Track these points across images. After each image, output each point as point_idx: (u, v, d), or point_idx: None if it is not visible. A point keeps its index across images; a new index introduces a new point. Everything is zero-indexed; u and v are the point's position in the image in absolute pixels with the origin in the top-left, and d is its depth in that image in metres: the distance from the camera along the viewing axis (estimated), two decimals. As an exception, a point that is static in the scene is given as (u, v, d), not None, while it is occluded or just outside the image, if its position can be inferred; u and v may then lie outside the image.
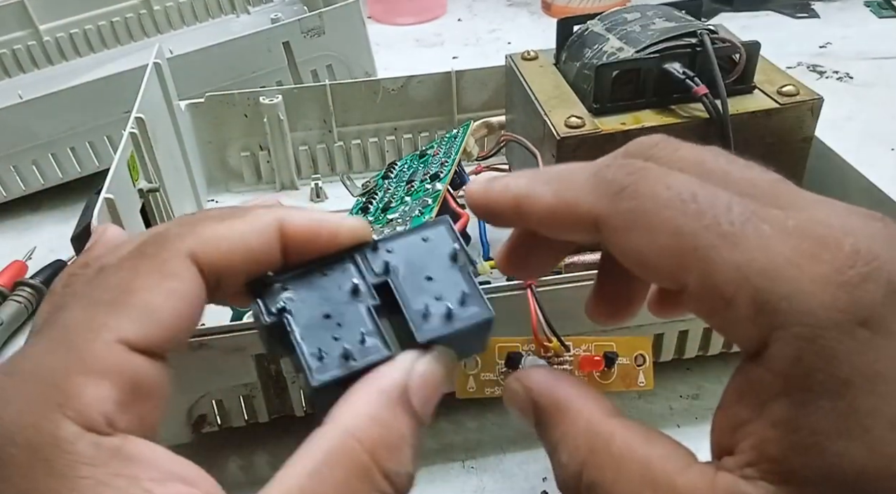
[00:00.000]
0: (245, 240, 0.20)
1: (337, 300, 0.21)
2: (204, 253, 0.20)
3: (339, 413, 0.19)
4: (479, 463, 0.41)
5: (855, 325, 0.16)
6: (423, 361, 0.20)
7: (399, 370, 0.20)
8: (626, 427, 0.19)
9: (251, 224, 0.21)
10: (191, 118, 0.61)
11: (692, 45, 0.42)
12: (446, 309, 0.21)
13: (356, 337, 0.20)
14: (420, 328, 0.21)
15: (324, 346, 0.20)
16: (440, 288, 0.22)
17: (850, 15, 0.91)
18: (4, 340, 0.51)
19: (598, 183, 0.20)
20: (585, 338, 0.38)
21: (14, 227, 0.63)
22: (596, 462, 0.19)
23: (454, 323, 0.21)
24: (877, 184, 0.44)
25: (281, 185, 0.63)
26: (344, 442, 0.18)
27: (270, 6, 0.85)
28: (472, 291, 0.22)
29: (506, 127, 0.54)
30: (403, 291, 0.21)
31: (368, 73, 0.72)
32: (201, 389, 0.38)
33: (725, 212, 0.17)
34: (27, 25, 0.75)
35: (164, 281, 0.19)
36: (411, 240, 0.22)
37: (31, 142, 0.61)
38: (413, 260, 0.22)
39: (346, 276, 0.21)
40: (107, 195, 0.39)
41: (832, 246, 0.17)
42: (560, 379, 0.21)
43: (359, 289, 0.21)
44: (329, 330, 0.21)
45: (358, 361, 0.20)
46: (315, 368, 0.20)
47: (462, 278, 0.22)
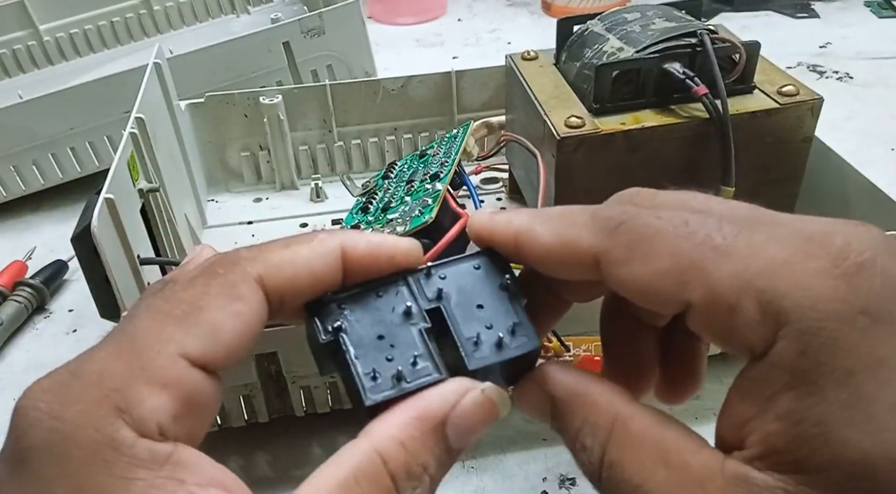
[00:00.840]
0: (310, 265, 0.21)
1: (390, 322, 0.22)
2: (270, 277, 0.21)
3: (374, 430, 0.20)
4: (479, 463, 0.41)
5: (856, 314, 0.16)
6: (471, 396, 0.21)
7: (440, 399, 0.21)
8: (644, 410, 0.20)
9: (315, 249, 0.21)
10: (191, 118, 0.61)
11: (692, 45, 0.42)
12: (497, 338, 0.22)
13: (408, 359, 0.21)
14: (471, 356, 0.22)
15: (377, 367, 0.21)
16: (491, 316, 0.22)
17: (850, 15, 0.91)
18: (4, 340, 0.51)
19: (597, 221, 0.21)
20: (585, 338, 0.38)
21: (14, 227, 0.63)
22: (617, 442, 0.20)
23: (504, 352, 0.22)
24: (877, 184, 0.44)
25: (281, 185, 0.63)
26: (372, 460, 0.19)
27: (270, 6, 0.85)
28: (522, 321, 0.22)
29: (506, 127, 0.54)
30: (455, 318, 0.22)
31: (368, 73, 0.72)
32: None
33: (717, 230, 0.19)
34: (27, 25, 0.75)
35: (232, 303, 0.20)
36: (464, 267, 0.23)
37: (31, 142, 0.61)
38: (465, 288, 0.23)
39: (400, 299, 0.22)
40: (107, 195, 0.39)
41: (823, 242, 0.17)
42: (573, 371, 0.22)
43: (412, 312, 0.22)
44: (382, 351, 0.21)
45: (410, 383, 0.21)
46: (369, 388, 0.21)
47: (512, 308, 0.23)
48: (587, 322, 0.38)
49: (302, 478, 0.19)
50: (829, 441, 0.16)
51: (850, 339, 0.16)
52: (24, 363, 0.50)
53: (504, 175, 0.59)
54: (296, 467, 0.41)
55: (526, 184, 0.51)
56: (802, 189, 0.46)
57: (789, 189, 0.46)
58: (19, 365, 0.50)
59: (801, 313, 0.17)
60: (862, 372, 0.16)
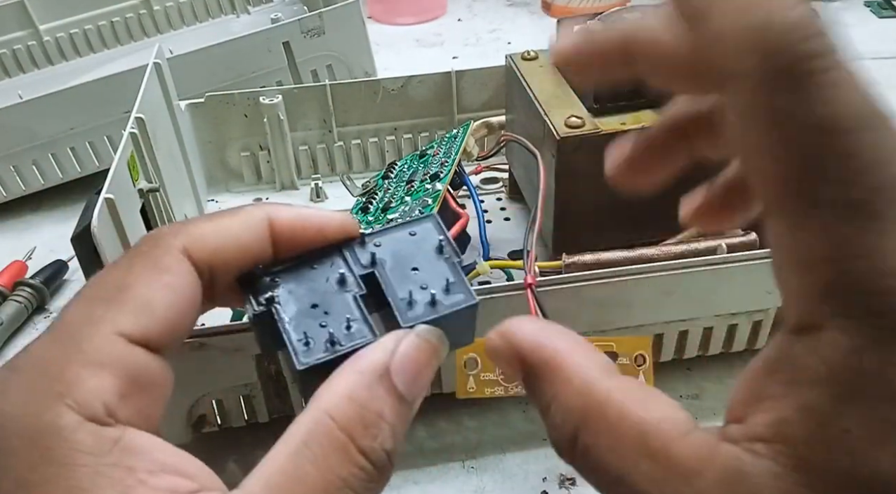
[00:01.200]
0: (235, 235, 0.21)
1: (324, 290, 0.22)
2: (196, 248, 0.20)
3: (319, 395, 0.20)
4: (479, 463, 0.41)
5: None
6: (406, 340, 0.20)
7: (380, 350, 0.20)
8: (623, 388, 0.18)
9: (241, 220, 0.21)
10: (191, 118, 0.61)
11: (692, 45, 0.42)
12: (431, 297, 0.22)
13: (342, 323, 0.21)
14: (404, 314, 0.22)
15: (310, 333, 0.21)
16: (426, 278, 0.22)
17: (850, 15, 0.91)
18: (4, 340, 0.51)
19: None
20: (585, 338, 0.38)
21: (14, 227, 0.63)
22: (591, 427, 0.18)
23: (438, 308, 0.22)
24: (877, 184, 0.44)
25: (281, 185, 0.63)
26: (320, 421, 0.19)
27: (270, 6, 0.85)
28: (458, 280, 0.22)
29: (506, 127, 0.54)
30: (389, 281, 0.22)
31: (368, 73, 0.72)
32: (201, 389, 0.39)
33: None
34: (27, 25, 0.75)
35: (159, 276, 0.20)
36: (398, 235, 0.23)
37: (31, 142, 0.61)
38: (400, 253, 0.23)
39: (334, 268, 0.22)
40: (107, 195, 0.39)
41: None
42: (551, 331, 0.20)
43: (346, 280, 0.22)
44: (316, 319, 0.21)
45: (343, 346, 0.21)
46: (301, 352, 0.21)
47: (448, 268, 0.23)
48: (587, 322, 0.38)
49: (302, 478, 0.19)
50: (852, 452, 0.15)
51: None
52: (24, 363, 0.50)
53: (504, 175, 0.59)
54: (296, 467, 0.41)
55: (526, 184, 0.51)
56: (802, 189, 0.46)
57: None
58: (19, 365, 0.50)
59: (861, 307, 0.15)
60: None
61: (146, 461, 0.18)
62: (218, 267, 0.21)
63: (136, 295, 0.19)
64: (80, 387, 0.18)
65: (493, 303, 0.37)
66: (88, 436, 0.17)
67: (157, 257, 0.20)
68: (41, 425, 0.17)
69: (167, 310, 0.20)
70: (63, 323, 0.19)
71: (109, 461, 0.17)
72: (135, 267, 0.20)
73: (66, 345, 0.18)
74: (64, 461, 0.17)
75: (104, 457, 0.17)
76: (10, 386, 0.18)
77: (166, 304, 0.20)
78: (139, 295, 0.19)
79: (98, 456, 0.17)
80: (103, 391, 0.18)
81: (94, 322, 0.19)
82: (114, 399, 0.18)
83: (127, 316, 0.19)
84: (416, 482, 0.40)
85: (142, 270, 0.20)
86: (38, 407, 0.17)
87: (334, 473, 0.18)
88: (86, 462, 0.17)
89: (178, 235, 0.21)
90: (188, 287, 0.20)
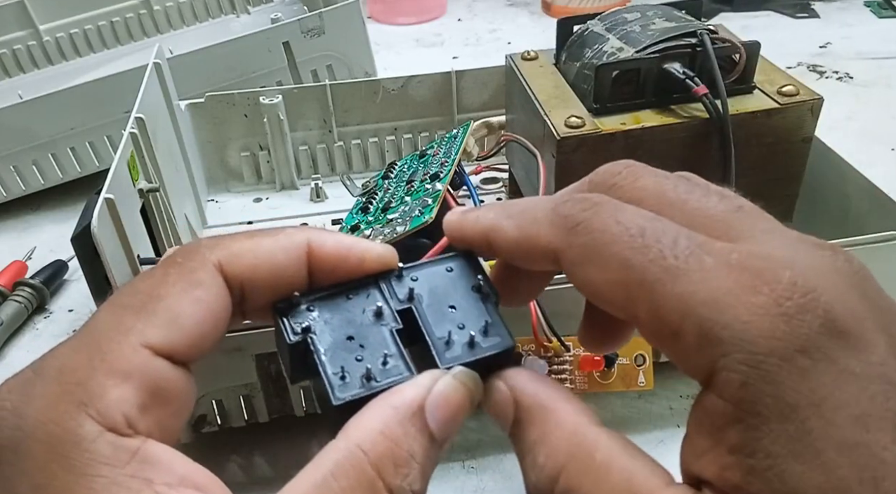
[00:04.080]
0: (272, 256, 0.21)
1: (361, 323, 0.21)
2: (230, 264, 0.20)
3: (351, 427, 0.19)
4: (479, 463, 0.41)
5: (794, 353, 0.16)
6: (443, 381, 0.20)
7: (416, 387, 0.20)
8: (610, 438, 0.19)
9: (279, 241, 0.21)
10: (191, 118, 0.61)
11: (692, 45, 0.42)
12: (469, 338, 0.22)
13: (378, 358, 0.21)
14: (442, 354, 0.21)
15: (346, 366, 0.21)
16: (463, 317, 0.22)
17: (850, 15, 0.91)
18: (4, 340, 0.51)
19: (556, 218, 0.20)
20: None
21: (14, 227, 0.63)
22: (576, 469, 0.19)
23: (476, 351, 0.22)
24: (877, 184, 0.44)
25: (281, 185, 0.63)
26: (351, 454, 0.19)
27: (270, 6, 0.85)
28: (495, 321, 0.22)
29: (506, 127, 0.54)
30: (426, 318, 0.22)
31: (368, 73, 0.72)
32: (201, 389, 0.38)
33: (671, 246, 0.18)
34: (27, 25, 0.75)
35: (191, 290, 0.20)
36: (436, 270, 0.23)
37: (31, 142, 0.61)
38: (437, 289, 0.22)
39: (371, 300, 0.22)
40: (107, 195, 0.39)
41: (771, 278, 0.17)
42: (545, 382, 0.21)
43: (382, 313, 0.22)
44: (352, 352, 0.21)
45: (379, 382, 0.20)
46: (337, 387, 0.20)
47: (485, 308, 0.22)
48: (587, 322, 0.38)
49: (302, 478, 0.19)
50: (781, 474, 0.16)
51: (790, 376, 0.16)
52: (24, 363, 0.49)
53: (504, 175, 0.59)
54: (296, 467, 0.41)
55: (526, 184, 0.51)
56: (802, 189, 0.46)
57: (789, 189, 0.46)
58: (19, 365, 0.49)
59: (740, 346, 0.16)
60: (804, 408, 0.16)
61: (164, 473, 0.18)
62: (250, 287, 0.21)
63: (166, 308, 0.19)
64: (103, 398, 0.18)
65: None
66: (107, 447, 0.17)
67: (192, 270, 0.20)
68: (61, 433, 0.17)
69: (195, 325, 0.19)
70: (90, 329, 0.19)
71: (128, 472, 0.17)
72: (168, 279, 0.20)
73: (92, 353, 0.18)
74: (83, 470, 0.17)
75: (122, 468, 0.17)
76: (34, 390, 0.18)
77: (195, 319, 0.19)
78: (169, 307, 0.19)
79: (116, 467, 0.17)
80: (125, 402, 0.18)
81: (121, 331, 0.19)
82: (134, 410, 0.18)
83: (155, 329, 0.19)
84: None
85: (175, 282, 0.20)
86: (59, 415, 0.17)
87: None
88: (104, 473, 0.17)
89: (215, 250, 0.20)
90: (219, 303, 0.20)
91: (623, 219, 0.19)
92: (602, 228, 0.19)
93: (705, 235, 0.19)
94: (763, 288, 0.17)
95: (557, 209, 0.20)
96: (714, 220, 0.19)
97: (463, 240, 0.23)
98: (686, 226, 0.19)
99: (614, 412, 0.43)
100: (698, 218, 0.19)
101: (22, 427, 0.17)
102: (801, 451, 0.16)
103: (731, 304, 0.17)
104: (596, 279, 0.19)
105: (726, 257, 0.18)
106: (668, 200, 0.20)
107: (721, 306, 0.17)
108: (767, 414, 0.16)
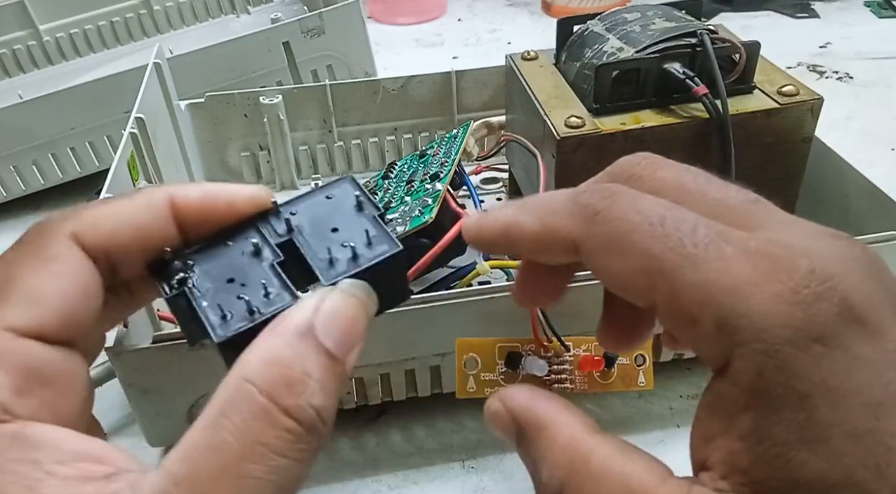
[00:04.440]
0: (132, 218, 0.20)
1: (240, 264, 0.21)
2: (88, 233, 0.20)
3: (239, 363, 0.18)
4: (479, 463, 0.41)
5: (810, 341, 0.17)
6: (330, 297, 0.20)
7: (300, 310, 0.19)
8: (605, 443, 0.20)
9: (137, 202, 0.20)
10: (191, 118, 0.61)
11: (692, 45, 0.42)
12: (352, 252, 0.21)
13: (260, 292, 0.20)
14: (325, 272, 0.21)
15: (227, 306, 0.20)
16: (346, 236, 0.21)
17: (850, 15, 0.91)
18: (4, 340, 0.51)
19: (575, 208, 0.20)
20: (585, 338, 0.38)
21: (14, 227, 0.63)
22: (576, 481, 0.19)
23: (360, 261, 0.21)
24: (877, 184, 0.44)
25: (281, 185, 0.63)
26: (238, 387, 0.18)
27: (270, 6, 0.85)
28: (379, 232, 0.21)
29: (506, 127, 0.54)
30: (308, 245, 0.21)
31: (368, 73, 0.72)
32: (201, 389, 0.38)
33: (690, 235, 0.18)
34: (27, 25, 0.75)
35: (46, 265, 0.19)
36: (315, 200, 0.22)
37: (31, 142, 0.61)
38: (318, 218, 0.22)
39: (249, 241, 0.21)
40: (107, 195, 0.39)
41: (789, 266, 0.17)
42: (540, 396, 0.22)
43: (261, 250, 0.21)
44: (233, 293, 0.20)
45: (262, 313, 0.20)
46: (218, 325, 0.19)
47: (368, 223, 0.22)
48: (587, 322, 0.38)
49: (301, 478, 0.19)
50: (788, 462, 0.16)
51: (803, 365, 0.16)
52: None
53: (504, 175, 0.59)
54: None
55: (526, 184, 0.51)
56: (802, 189, 0.46)
57: (789, 189, 0.46)
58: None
59: (756, 335, 0.17)
60: (816, 396, 0.16)
61: (52, 451, 0.17)
62: (116, 253, 0.20)
63: (22, 288, 0.18)
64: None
65: (493, 303, 0.37)
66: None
67: (43, 246, 0.19)
68: None
69: (59, 300, 0.19)
70: None
71: (11, 456, 0.17)
72: (19, 259, 0.19)
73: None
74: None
75: (4, 453, 0.17)
76: None
77: (57, 294, 0.19)
78: (25, 287, 0.19)
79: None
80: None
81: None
82: (8, 395, 0.17)
83: (14, 310, 0.18)
84: (416, 482, 0.40)
85: (27, 260, 0.19)
86: None
87: (257, 440, 0.17)
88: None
89: (67, 221, 0.20)
90: (81, 274, 0.19)
91: (643, 208, 0.19)
92: (622, 217, 0.19)
93: (724, 224, 0.19)
94: (781, 276, 0.17)
95: (577, 199, 0.20)
96: (732, 210, 0.19)
97: (481, 239, 0.23)
98: (705, 215, 0.19)
99: (614, 412, 0.43)
100: (717, 207, 0.20)
101: None
102: (810, 439, 0.16)
103: (750, 293, 0.17)
104: (616, 267, 0.19)
105: (745, 245, 0.18)
106: (687, 190, 0.20)
107: (740, 295, 0.17)
108: (779, 404, 0.16)
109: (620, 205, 0.19)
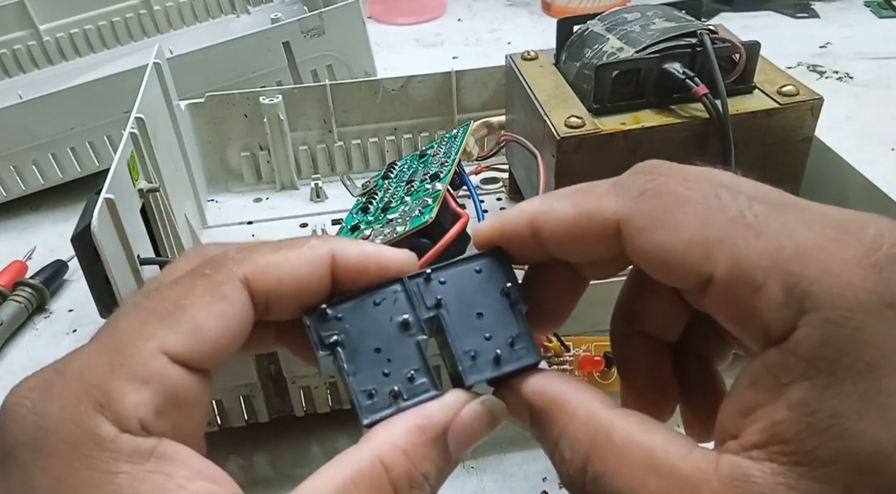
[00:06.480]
0: (297, 270, 0.21)
1: (387, 333, 0.22)
2: (257, 279, 0.21)
3: (376, 437, 0.20)
4: (479, 463, 0.41)
5: (883, 307, 0.16)
6: (470, 407, 0.21)
7: (443, 410, 0.21)
8: (626, 416, 0.20)
9: (304, 254, 0.21)
10: (191, 118, 0.61)
11: (692, 45, 0.42)
12: (495, 354, 0.22)
13: (406, 374, 0.21)
14: (468, 370, 0.21)
15: (374, 384, 0.21)
16: (490, 326, 0.22)
17: (850, 15, 0.91)
18: (4, 340, 0.51)
19: (620, 189, 0.20)
20: (585, 338, 0.38)
21: (14, 227, 0.63)
22: (599, 454, 0.19)
23: (502, 367, 0.22)
24: (877, 184, 0.44)
25: (281, 185, 0.63)
26: (374, 466, 0.19)
27: (270, 6, 0.85)
28: (522, 332, 0.22)
29: (506, 127, 0.54)
30: (453, 329, 0.22)
31: (368, 73, 0.72)
32: (201, 389, 0.38)
33: (748, 207, 0.18)
34: (27, 25, 0.75)
35: (216, 303, 0.20)
36: (464, 270, 0.23)
37: (31, 142, 0.61)
38: (464, 294, 0.22)
39: (398, 308, 0.22)
40: (107, 195, 0.39)
41: (857, 230, 0.17)
42: (553, 377, 0.22)
43: (409, 323, 0.22)
44: (379, 366, 0.21)
45: (407, 401, 0.21)
46: (365, 407, 0.21)
47: (513, 317, 0.22)
48: (587, 322, 0.38)
49: (302, 478, 0.19)
50: (842, 433, 0.16)
51: (874, 332, 0.16)
52: (24, 363, 0.50)
53: (504, 175, 0.59)
54: (296, 467, 0.41)
55: (526, 184, 0.51)
56: (802, 189, 0.46)
57: (789, 189, 0.45)
58: (19, 364, 0.50)
59: (829, 301, 0.16)
60: (884, 366, 0.16)
61: (182, 467, 0.18)
62: (274, 299, 0.21)
63: (189, 318, 0.20)
64: (120, 402, 0.18)
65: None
66: (127, 445, 0.18)
67: (218, 283, 0.20)
68: (82, 433, 0.18)
69: (216, 337, 0.20)
70: (114, 331, 0.20)
71: (147, 468, 0.18)
72: (195, 290, 0.20)
73: (112, 357, 0.19)
74: (105, 468, 0.18)
75: (142, 465, 0.18)
76: (55, 390, 0.19)
77: (217, 331, 0.20)
78: (193, 318, 0.20)
79: (137, 464, 0.18)
80: (141, 406, 0.18)
81: (143, 337, 0.19)
82: (150, 414, 0.19)
83: (176, 337, 0.19)
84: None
85: (201, 294, 0.20)
86: (79, 416, 0.18)
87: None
88: (126, 470, 0.18)
89: (242, 264, 0.21)
90: (241, 316, 0.20)
91: (694, 185, 0.19)
92: (674, 192, 0.19)
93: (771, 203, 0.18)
94: (851, 240, 0.17)
95: (619, 182, 0.20)
96: (772, 195, 0.19)
97: (503, 234, 0.22)
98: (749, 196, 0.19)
99: (614, 412, 0.43)
100: (756, 193, 0.19)
101: (43, 425, 0.18)
102: (869, 409, 0.16)
103: (820, 258, 0.17)
104: (667, 241, 0.19)
105: (804, 216, 0.18)
106: (721, 182, 0.20)
107: (810, 259, 0.17)
108: (842, 375, 0.16)
109: (669, 185, 0.19)
